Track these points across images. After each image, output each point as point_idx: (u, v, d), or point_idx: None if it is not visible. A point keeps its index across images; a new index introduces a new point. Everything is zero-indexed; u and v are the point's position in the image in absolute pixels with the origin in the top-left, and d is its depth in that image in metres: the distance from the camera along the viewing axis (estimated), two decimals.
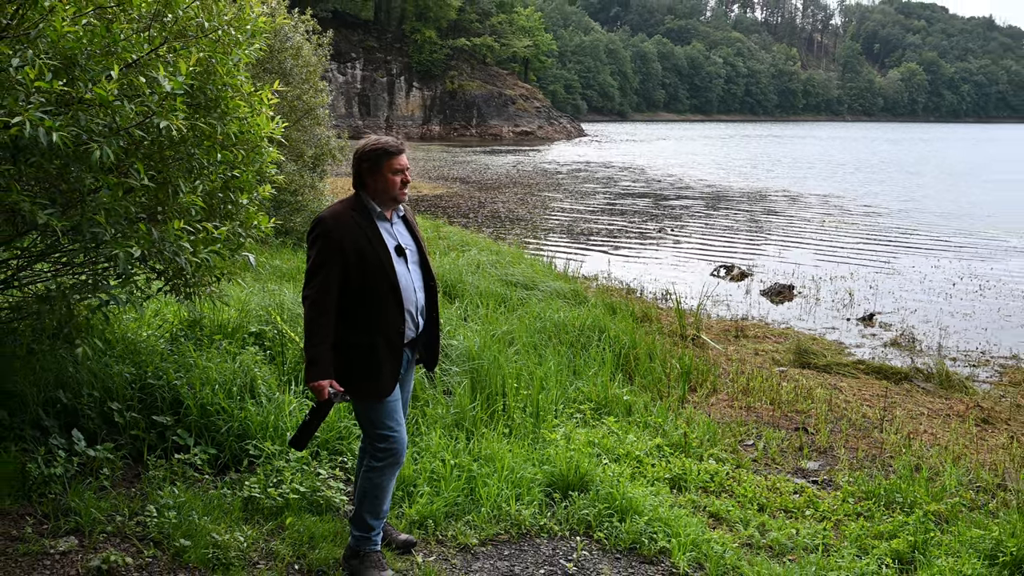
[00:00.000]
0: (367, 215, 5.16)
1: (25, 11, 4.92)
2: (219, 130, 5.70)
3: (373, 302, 5.10)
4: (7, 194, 4.74)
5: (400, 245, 5.25)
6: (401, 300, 5.17)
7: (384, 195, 5.20)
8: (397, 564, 5.43)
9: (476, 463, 6.59)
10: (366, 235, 5.09)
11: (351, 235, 5.05)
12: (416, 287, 5.30)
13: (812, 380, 11.09)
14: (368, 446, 5.35)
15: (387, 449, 5.28)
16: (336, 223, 5.06)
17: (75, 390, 6.42)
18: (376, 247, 5.09)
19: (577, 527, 6.10)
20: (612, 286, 17.61)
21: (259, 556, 5.39)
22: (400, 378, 5.37)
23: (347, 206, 5.19)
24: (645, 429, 8.02)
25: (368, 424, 5.30)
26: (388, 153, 5.15)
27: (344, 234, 5.03)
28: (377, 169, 5.15)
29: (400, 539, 5.69)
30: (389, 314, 5.14)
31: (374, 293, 5.09)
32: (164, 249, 5.34)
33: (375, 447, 5.29)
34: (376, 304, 5.11)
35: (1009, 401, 10.85)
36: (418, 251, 5.41)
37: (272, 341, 8.31)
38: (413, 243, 5.39)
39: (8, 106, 4.45)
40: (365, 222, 5.13)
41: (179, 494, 5.74)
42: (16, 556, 5.08)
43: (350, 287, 5.06)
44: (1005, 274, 20.80)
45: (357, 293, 5.08)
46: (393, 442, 5.27)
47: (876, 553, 5.91)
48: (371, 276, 5.07)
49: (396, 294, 5.14)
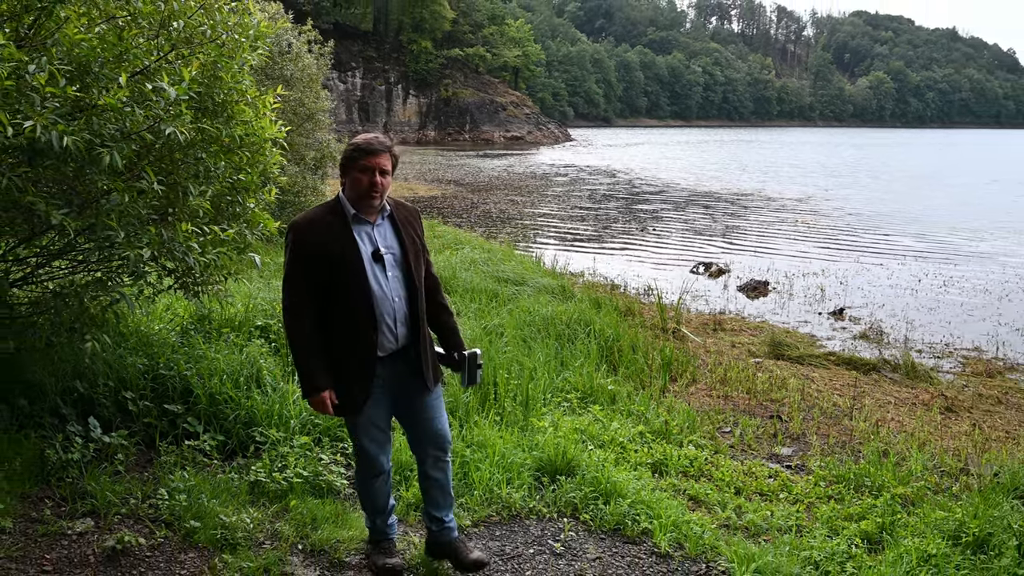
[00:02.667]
0: (341, 218, 4.65)
1: (42, 21, 4.91)
2: (225, 133, 5.69)
3: (342, 311, 4.62)
4: (24, 195, 4.73)
5: (378, 250, 4.67)
6: (373, 309, 4.62)
7: (355, 196, 4.64)
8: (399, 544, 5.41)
9: (469, 449, 6.59)
10: (338, 239, 4.59)
11: (321, 240, 4.57)
12: (395, 295, 4.71)
13: (786, 371, 11.10)
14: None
15: (361, 462, 5.03)
16: (308, 227, 4.60)
17: (91, 380, 6.42)
18: (346, 252, 4.58)
19: (564, 509, 6.10)
20: (597, 282, 17.60)
21: (264, 537, 5.38)
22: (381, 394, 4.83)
23: (325, 209, 4.72)
24: (628, 417, 8.02)
25: (349, 432, 5.05)
26: (360, 151, 4.60)
27: (314, 239, 4.57)
28: (348, 167, 4.65)
29: (470, 559, 5.11)
30: (359, 324, 4.63)
31: (343, 301, 4.60)
32: (174, 249, 5.32)
33: (355, 454, 5.09)
34: (345, 313, 4.63)
35: (971, 390, 10.88)
36: (402, 256, 4.77)
37: (277, 334, 8.30)
38: (397, 247, 4.77)
39: (24, 111, 4.44)
40: (338, 225, 4.63)
41: (189, 478, 5.74)
42: (36, 536, 5.09)
43: (321, 294, 4.62)
44: (968, 271, 20.84)
45: (328, 301, 4.62)
46: (364, 458, 4.97)
47: (846, 534, 5.91)
48: (340, 283, 4.58)
49: (367, 302, 4.60)
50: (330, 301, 4.63)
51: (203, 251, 5.52)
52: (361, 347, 4.67)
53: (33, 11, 4.87)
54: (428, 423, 4.98)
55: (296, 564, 5.13)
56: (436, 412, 5.00)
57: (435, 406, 4.99)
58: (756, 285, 18.19)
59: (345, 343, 4.68)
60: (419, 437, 5.04)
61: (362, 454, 4.98)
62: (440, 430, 5.02)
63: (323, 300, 4.64)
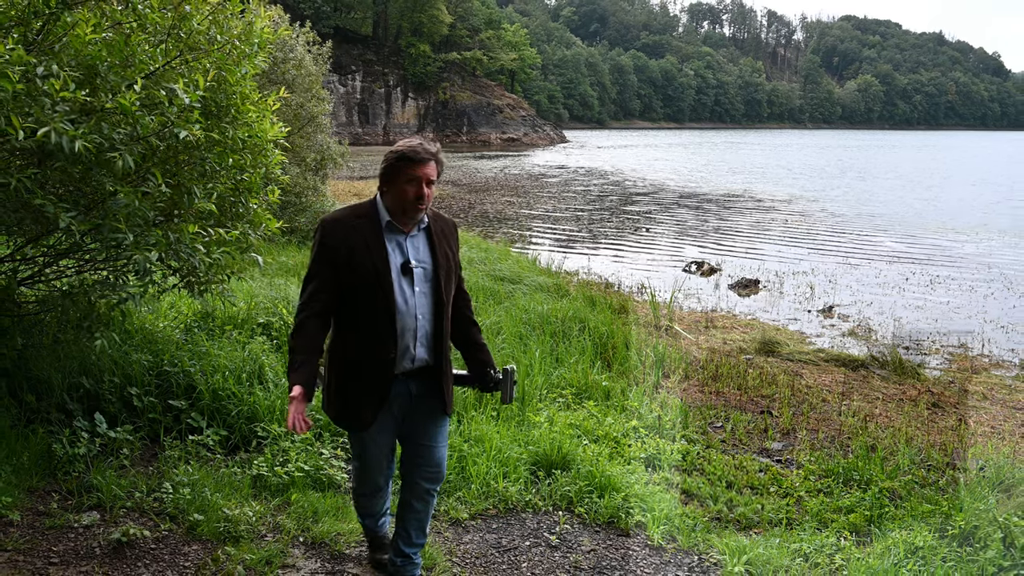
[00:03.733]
0: (374, 224, 4.25)
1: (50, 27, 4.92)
2: (229, 135, 5.70)
3: (362, 321, 4.24)
4: (33, 196, 4.73)
5: (408, 262, 4.26)
6: (395, 324, 4.23)
7: (395, 206, 4.24)
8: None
9: (467, 444, 6.59)
10: (366, 245, 4.19)
11: (350, 243, 4.17)
12: (420, 312, 4.30)
13: (776, 367, 11.11)
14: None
15: (358, 477, 4.74)
16: (338, 228, 4.21)
17: (97, 377, 6.42)
18: (375, 260, 4.19)
19: (560, 503, 6.11)
20: (592, 280, 17.58)
21: (267, 529, 5.39)
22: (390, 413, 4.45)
23: (356, 211, 4.32)
24: (622, 412, 8.03)
25: (350, 443, 4.71)
26: (405, 159, 4.17)
27: (341, 241, 4.18)
28: (393, 178, 4.21)
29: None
30: (378, 337, 4.23)
31: (364, 311, 4.22)
32: (180, 250, 5.33)
33: (353, 468, 4.79)
34: (365, 324, 4.24)
35: (957, 387, 10.89)
36: (433, 271, 4.37)
37: (279, 331, 8.31)
38: (430, 261, 4.36)
39: (35, 114, 4.45)
40: (369, 231, 4.23)
41: (193, 472, 5.74)
42: (43, 529, 5.10)
43: (342, 299, 4.24)
44: (954, 270, 20.87)
45: (347, 307, 4.25)
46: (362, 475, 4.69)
47: (835, 526, 5.93)
48: (362, 291, 4.19)
49: (390, 316, 4.21)
50: (350, 308, 4.25)
51: (208, 251, 5.53)
52: (377, 362, 4.28)
53: (42, 17, 4.87)
54: (429, 451, 4.59)
55: (297, 556, 5.14)
56: (440, 440, 4.63)
57: (441, 433, 4.63)
58: (747, 283, 18.21)
59: (361, 355, 4.30)
60: (415, 463, 4.62)
61: (361, 470, 4.69)
62: (439, 460, 4.63)
63: (342, 305, 4.26)
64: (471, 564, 5.26)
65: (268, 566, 4.95)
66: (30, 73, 4.48)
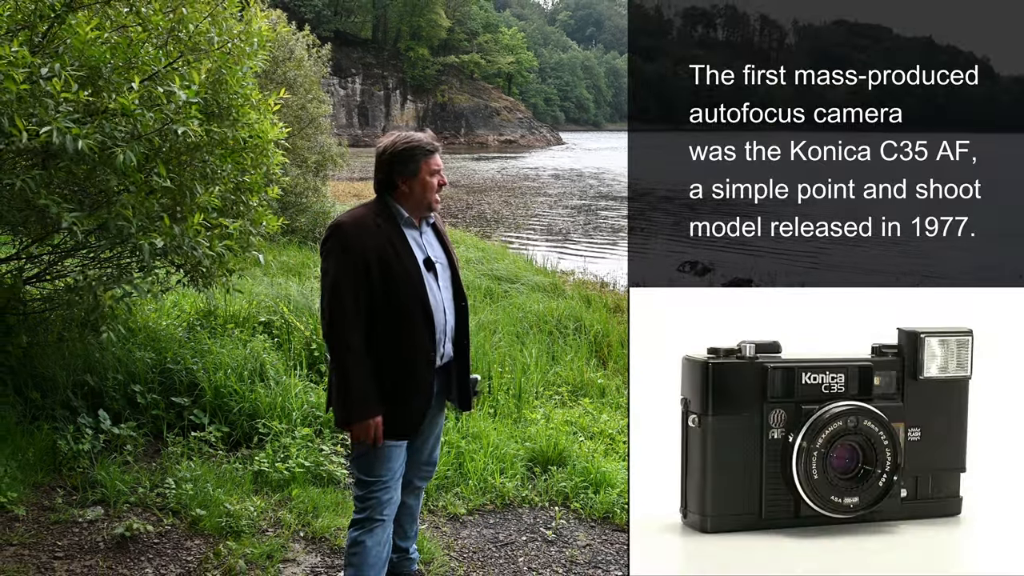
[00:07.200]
0: (393, 221, 4.05)
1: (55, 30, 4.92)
2: (230, 135, 5.70)
3: (400, 323, 3.99)
4: (38, 196, 4.74)
5: (429, 258, 4.13)
6: (433, 321, 4.05)
7: (418, 200, 4.09)
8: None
9: (464, 440, 6.59)
10: (392, 244, 3.97)
11: (374, 244, 3.92)
12: (447, 308, 4.17)
13: None
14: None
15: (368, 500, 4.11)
16: (357, 230, 3.93)
17: (101, 374, 6.42)
18: (404, 258, 3.99)
19: (556, 498, 6.11)
20: (588, 280, 17.57)
21: (268, 524, 5.39)
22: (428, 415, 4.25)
23: (370, 211, 4.06)
24: (617, 409, 8.04)
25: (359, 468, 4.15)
26: (424, 151, 4.03)
27: (366, 243, 3.90)
28: (412, 170, 4.02)
29: None
30: (418, 338, 4.03)
31: (401, 312, 3.97)
32: (183, 244, 5.33)
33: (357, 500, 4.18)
34: (404, 326, 4.00)
35: None
36: (449, 266, 4.30)
37: (280, 330, 8.30)
38: (444, 257, 4.28)
39: (39, 115, 4.45)
40: (391, 229, 4.02)
41: (195, 468, 5.74)
42: (48, 524, 5.10)
43: (374, 306, 3.94)
44: None
45: (381, 313, 3.96)
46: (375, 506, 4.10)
47: None
48: (398, 292, 3.95)
49: (427, 314, 4.02)
50: (383, 314, 3.97)
51: (211, 245, 5.52)
52: (423, 363, 4.06)
53: (47, 20, 4.87)
54: (431, 448, 4.48)
55: (298, 550, 5.14)
56: (439, 437, 4.58)
57: (441, 430, 4.60)
58: (740, 282, 18.21)
59: (405, 358, 4.04)
60: (413, 460, 4.38)
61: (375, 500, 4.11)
62: (436, 457, 4.55)
63: (373, 313, 3.97)
64: (469, 558, 5.27)
65: (269, 560, 4.95)
66: (35, 75, 4.48)
